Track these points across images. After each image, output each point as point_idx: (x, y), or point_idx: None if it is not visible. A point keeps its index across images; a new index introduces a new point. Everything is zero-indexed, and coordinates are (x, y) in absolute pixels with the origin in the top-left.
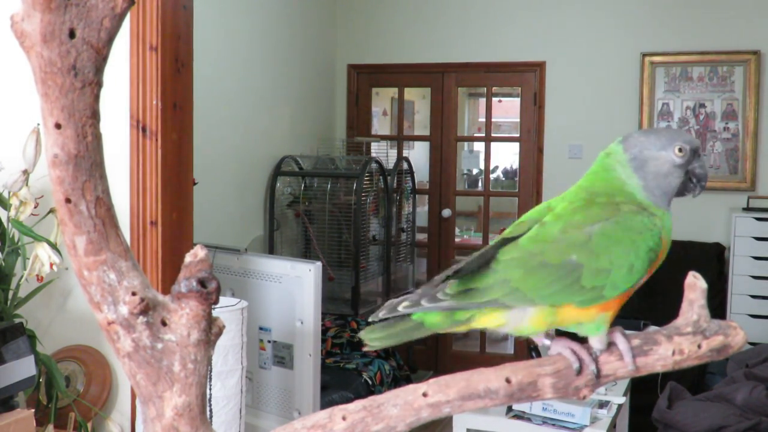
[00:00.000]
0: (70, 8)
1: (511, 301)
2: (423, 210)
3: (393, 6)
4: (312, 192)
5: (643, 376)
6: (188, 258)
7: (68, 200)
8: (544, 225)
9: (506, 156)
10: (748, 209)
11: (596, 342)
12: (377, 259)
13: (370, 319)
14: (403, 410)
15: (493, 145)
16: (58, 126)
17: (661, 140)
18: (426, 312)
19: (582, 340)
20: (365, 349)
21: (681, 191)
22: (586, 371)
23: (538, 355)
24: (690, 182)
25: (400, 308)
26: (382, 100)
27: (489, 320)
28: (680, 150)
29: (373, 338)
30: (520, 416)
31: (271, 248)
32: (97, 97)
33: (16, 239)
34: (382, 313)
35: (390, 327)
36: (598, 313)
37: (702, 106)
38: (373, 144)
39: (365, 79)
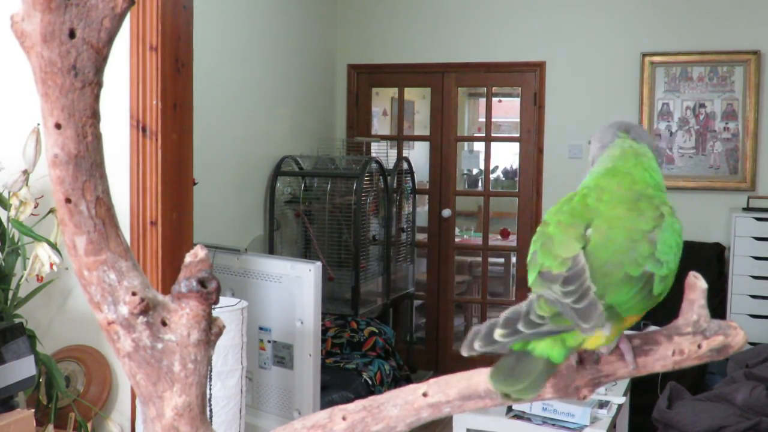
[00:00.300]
0: (70, 8)
1: (608, 317)
2: (423, 210)
3: (393, 6)
4: (312, 192)
5: (643, 376)
6: (188, 258)
7: (68, 200)
8: (602, 230)
9: (506, 156)
10: (748, 209)
11: (606, 348)
12: (377, 259)
13: (466, 353)
14: (403, 410)
15: (493, 145)
16: (58, 126)
17: (648, 134)
18: (528, 340)
19: None
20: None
21: None
22: (627, 365)
23: None
24: None
25: (497, 337)
26: (382, 100)
27: (595, 341)
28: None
29: (514, 390)
30: (520, 416)
31: (271, 248)
32: (97, 97)
33: (16, 239)
34: (477, 345)
35: (516, 375)
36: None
37: (702, 106)
38: (373, 144)
39: (365, 79)
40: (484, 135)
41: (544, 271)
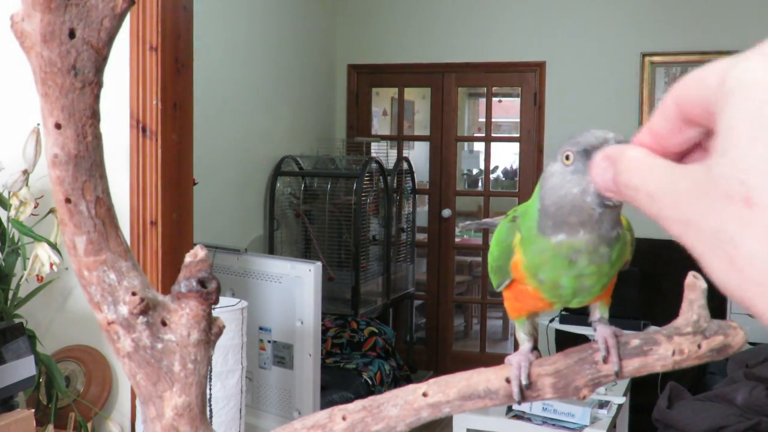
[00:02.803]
0: (70, 8)
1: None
2: (423, 210)
3: (393, 6)
4: (312, 192)
5: (643, 376)
6: (188, 258)
7: (68, 200)
8: None
9: (506, 156)
10: None
11: (524, 341)
12: (377, 259)
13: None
14: (403, 410)
15: (493, 145)
16: (58, 126)
17: (557, 149)
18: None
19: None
20: None
21: (599, 200)
22: (609, 364)
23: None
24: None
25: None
26: (382, 100)
27: None
28: (567, 157)
29: None
30: (520, 416)
31: (271, 248)
32: (97, 97)
33: (16, 239)
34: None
35: None
36: (512, 316)
37: None
38: (373, 144)
39: (365, 79)
40: (484, 135)
41: None
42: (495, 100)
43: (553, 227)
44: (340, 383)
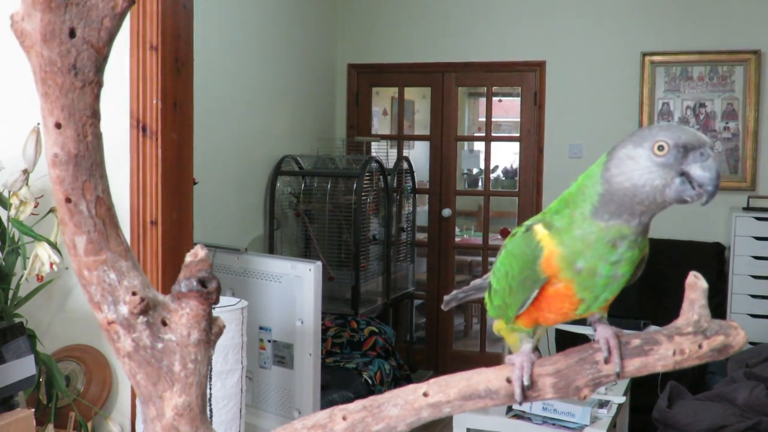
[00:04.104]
0: (70, 8)
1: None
2: (423, 210)
3: (393, 6)
4: (312, 192)
5: (644, 376)
6: (188, 258)
7: (68, 200)
8: None
9: (506, 156)
10: (748, 209)
11: (524, 341)
12: (377, 259)
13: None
14: (404, 410)
15: (493, 144)
16: (58, 126)
17: (642, 136)
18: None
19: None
20: None
21: (678, 197)
22: (610, 364)
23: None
24: (691, 186)
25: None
26: (382, 99)
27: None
28: (660, 147)
29: None
30: (520, 416)
31: (271, 248)
32: (97, 97)
33: (16, 239)
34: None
35: None
36: (524, 324)
37: (702, 105)
38: (373, 144)
39: (365, 78)
40: (484, 134)
41: None
42: (495, 99)
43: (613, 212)
44: (340, 383)
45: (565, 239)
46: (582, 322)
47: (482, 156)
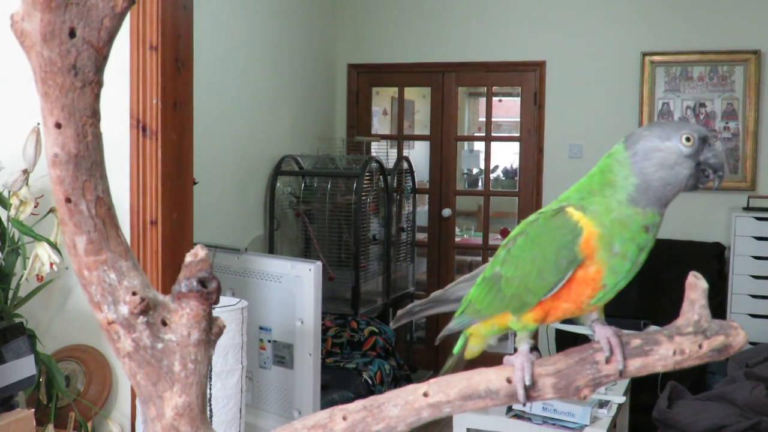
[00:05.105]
0: (70, 7)
1: (471, 313)
2: (423, 210)
3: (393, 5)
4: (312, 192)
5: (644, 375)
6: (188, 258)
7: (68, 200)
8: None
9: (506, 155)
10: (748, 209)
11: (522, 342)
12: (377, 259)
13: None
14: (404, 410)
15: (493, 144)
16: (58, 125)
17: (666, 131)
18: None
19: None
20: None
21: (694, 184)
22: (611, 364)
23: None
24: (703, 174)
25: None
26: (382, 99)
27: (475, 333)
28: (687, 139)
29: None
30: (520, 416)
31: (271, 248)
32: (97, 97)
33: (16, 239)
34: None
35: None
36: (534, 317)
37: (702, 105)
38: (373, 143)
39: (365, 78)
40: (484, 134)
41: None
42: (495, 99)
43: (649, 199)
44: (340, 383)
45: (604, 221)
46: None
47: (482, 156)
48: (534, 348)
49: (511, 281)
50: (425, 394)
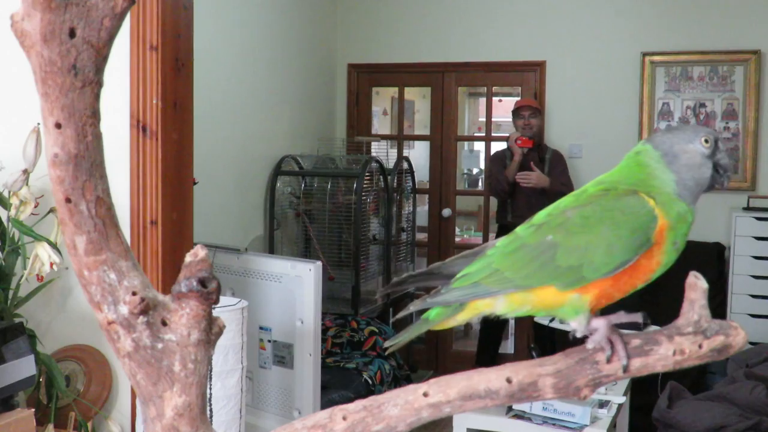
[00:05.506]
0: (70, 8)
1: (493, 283)
2: (423, 210)
3: (393, 6)
4: (312, 192)
5: (644, 376)
6: (188, 258)
7: (68, 200)
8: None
9: None
10: (748, 209)
11: (576, 325)
12: (377, 259)
13: (398, 316)
14: (404, 410)
15: (494, 144)
16: (58, 125)
17: (687, 134)
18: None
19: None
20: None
21: (712, 184)
22: (613, 363)
23: (539, 354)
24: (717, 173)
25: (411, 306)
26: (382, 99)
27: (476, 307)
28: (706, 140)
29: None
30: (520, 416)
31: (271, 248)
32: (97, 97)
33: (16, 239)
34: (412, 307)
35: (405, 329)
36: (581, 297)
37: (702, 105)
38: (373, 143)
39: (365, 78)
40: (484, 134)
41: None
42: (495, 99)
43: (690, 196)
44: (340, 383)
45: (671, 213)
46: None
47: (482, 156)
48: (533, 348)
49: (572, 252)
50: (425, 394)
